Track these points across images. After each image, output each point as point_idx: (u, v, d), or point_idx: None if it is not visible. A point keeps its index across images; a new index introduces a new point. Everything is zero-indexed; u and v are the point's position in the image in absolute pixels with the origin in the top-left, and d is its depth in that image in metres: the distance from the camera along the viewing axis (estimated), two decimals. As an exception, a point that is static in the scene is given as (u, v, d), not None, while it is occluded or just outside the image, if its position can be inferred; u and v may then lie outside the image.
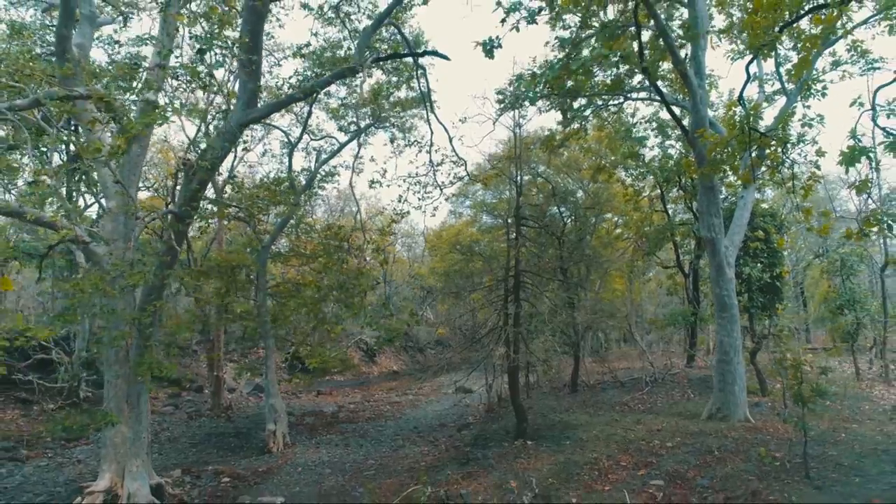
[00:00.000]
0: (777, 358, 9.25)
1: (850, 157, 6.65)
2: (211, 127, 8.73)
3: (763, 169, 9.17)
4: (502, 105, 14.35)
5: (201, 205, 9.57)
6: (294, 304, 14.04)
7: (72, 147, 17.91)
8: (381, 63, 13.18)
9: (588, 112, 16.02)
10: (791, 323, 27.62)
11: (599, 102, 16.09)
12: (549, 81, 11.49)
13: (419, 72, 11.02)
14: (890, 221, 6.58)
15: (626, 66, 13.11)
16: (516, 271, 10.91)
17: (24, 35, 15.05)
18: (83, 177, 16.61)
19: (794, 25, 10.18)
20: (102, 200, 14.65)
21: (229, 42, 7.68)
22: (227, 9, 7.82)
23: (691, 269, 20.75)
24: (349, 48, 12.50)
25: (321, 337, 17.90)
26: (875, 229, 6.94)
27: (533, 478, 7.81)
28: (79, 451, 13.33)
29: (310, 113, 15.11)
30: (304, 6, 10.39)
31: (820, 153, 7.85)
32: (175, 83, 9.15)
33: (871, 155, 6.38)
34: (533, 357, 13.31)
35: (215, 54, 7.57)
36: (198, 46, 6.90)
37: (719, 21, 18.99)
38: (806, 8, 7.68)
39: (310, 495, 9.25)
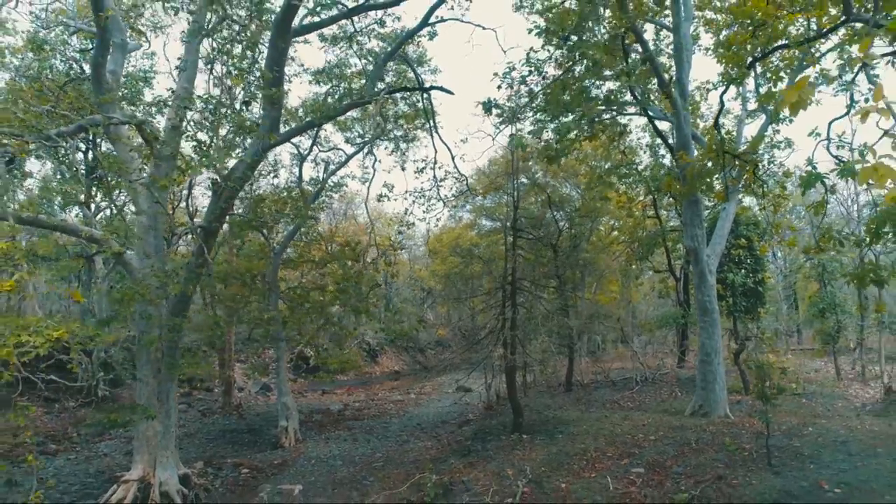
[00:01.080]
0: (744, 359, 10.17)
1: (808, 182, 7.54)
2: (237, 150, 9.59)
3: (738, 186, 10.07)
4: (501, 119, 15.29)
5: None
6: (305, 307, 14.95)
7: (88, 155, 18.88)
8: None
9: (583, 123, 16.94)
10: (779, 325, 28.60)
11: (594, 118, 16.99)
12: (545, 104, 12.43)
13: (424, 97, 11.86)
14: (841, 238, 7.49)
15: (619, 84, 14.01)
16: (513, 279, 11.81)
17: (45, 51, 15.92)
18: (101, 184, 17.53)
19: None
20: (126, 207, 15.60)
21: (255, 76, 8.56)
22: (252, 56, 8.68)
23: (682, 274, 21.65)
24: (360, 67, 13.39)
25: (337, 339, 18.82)
26: (831, 244, 7.84)
27: (527, 466, 8.71)
28: (103, 445, 14.21)
29: (320, 125, 15.99)
30: (322, 38, 11.20)
31: (787, 174, 8.77)
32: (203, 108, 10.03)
33: (825, 180, 7.24)
34: (530, 358, 14.21)
35: (244, 90, 8.45)
36: (243, 99, 7.78)
37: (708, 37, 19.92)
38: (771, 46, 8.58)
39: (325, 484, 10.15)
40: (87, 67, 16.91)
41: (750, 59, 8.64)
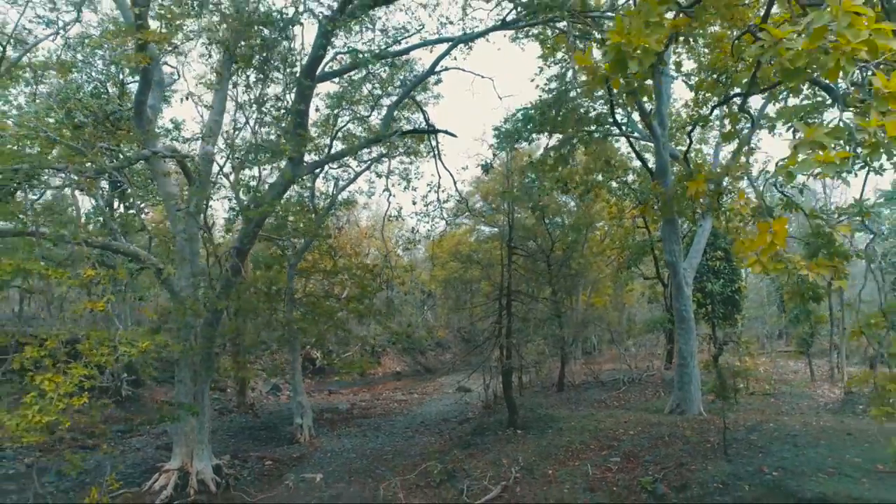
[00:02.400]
0: (705, 361, 11.53)
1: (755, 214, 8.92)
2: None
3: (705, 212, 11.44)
4: (499, 139, 16.67)
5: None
6: (318, 313, 16.33)
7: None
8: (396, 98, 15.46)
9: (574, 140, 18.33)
10: (766, 328, 29.98)
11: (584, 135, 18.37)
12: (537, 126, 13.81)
13: (430, 129, 13.19)
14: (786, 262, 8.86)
15: (607, 107, 15.37)
16: (508, 291, 13.17)
17: (73, 72, 17.18)
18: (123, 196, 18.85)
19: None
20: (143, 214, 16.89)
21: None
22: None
23: (669, 281, 23.01)
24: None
25: (343, 341, 20.16)
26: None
27: (520, 456, 10.08)
28: (135, 441, 15.51)
29: (331, 146, 17.33)
30: (340, 78, 12.44)
31: (747, 202, 10.12)
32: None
33: (773, 213, 8.61)
34: (526, 360, 15.54)
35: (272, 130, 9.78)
36: (289, 157, 9.10)
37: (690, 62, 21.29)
38: (731, 93, 9.93)
39: (342, 473, 11.50)
40: (110, 86, 18.24)
41: (712, 106, 10.00)
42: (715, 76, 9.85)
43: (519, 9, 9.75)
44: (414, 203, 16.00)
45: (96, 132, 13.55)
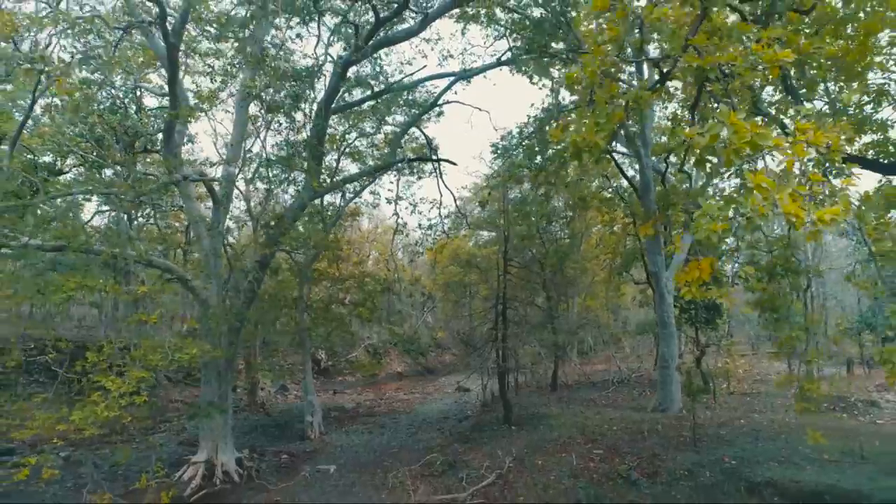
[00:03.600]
0: (681, 365, 12.72)
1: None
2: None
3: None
4: (496, 156, 17.89)
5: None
6: (327, 318, 17.54)
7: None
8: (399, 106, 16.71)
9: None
10: (754, 330, 31.14)
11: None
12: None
13: (433, 158, 14.41)
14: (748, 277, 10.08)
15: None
16: (504, 299, 14.36)
17: (89, 87, 18.31)
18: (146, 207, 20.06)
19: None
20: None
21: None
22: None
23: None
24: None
25: (348, 343, 21.34)
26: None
27: (513, 449, 11.28)
28: (157, 437, 16.68)
29: (339, 160, 18.51)
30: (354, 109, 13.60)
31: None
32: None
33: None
34: (521, 362, 16.68)
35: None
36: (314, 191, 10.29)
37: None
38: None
39: (353, 465, 12.68)
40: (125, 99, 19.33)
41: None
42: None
43: (513, 51, 10.93)
44: (420, 226, 17.25)
45: (125, 155, 14.80)
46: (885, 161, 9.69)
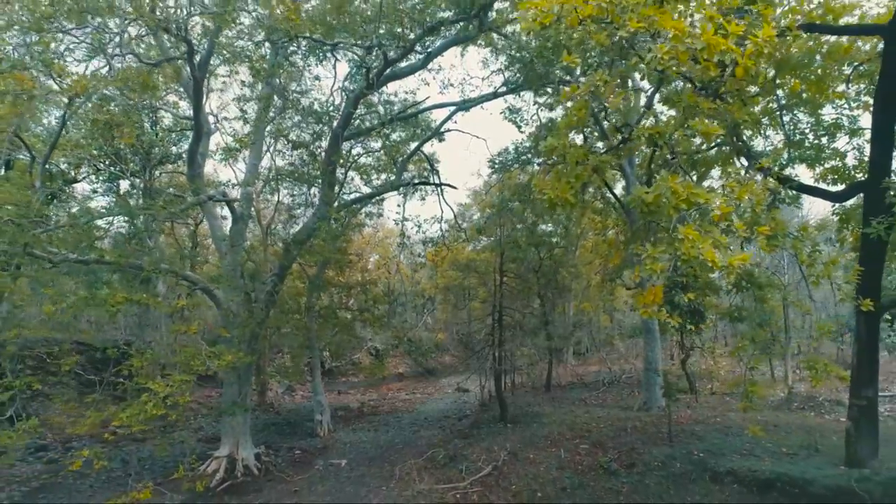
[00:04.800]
0: (672, 366, 13.90)
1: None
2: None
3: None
4: (493, 171, 19.10)
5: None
6: (334, 322, 18.75)
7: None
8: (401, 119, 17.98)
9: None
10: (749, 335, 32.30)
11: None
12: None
13: (435, 182, 15.65)
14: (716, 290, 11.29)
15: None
16: (500, 306, 15.57)
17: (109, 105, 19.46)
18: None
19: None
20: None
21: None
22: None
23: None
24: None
25: (352, 345, 22.57)
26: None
27: (508, 444, 12.49)
28: (176, 434, 17.85)
29: (346, 174, 19.71)
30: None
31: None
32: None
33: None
34: (517, 364, 17.84)
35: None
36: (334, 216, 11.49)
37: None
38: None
39: (361, 459, 13.88)
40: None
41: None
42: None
43: (508, 85, 12.14)
44: (424, 244, 18.53)
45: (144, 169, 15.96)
46: (837, 188, 10.89)
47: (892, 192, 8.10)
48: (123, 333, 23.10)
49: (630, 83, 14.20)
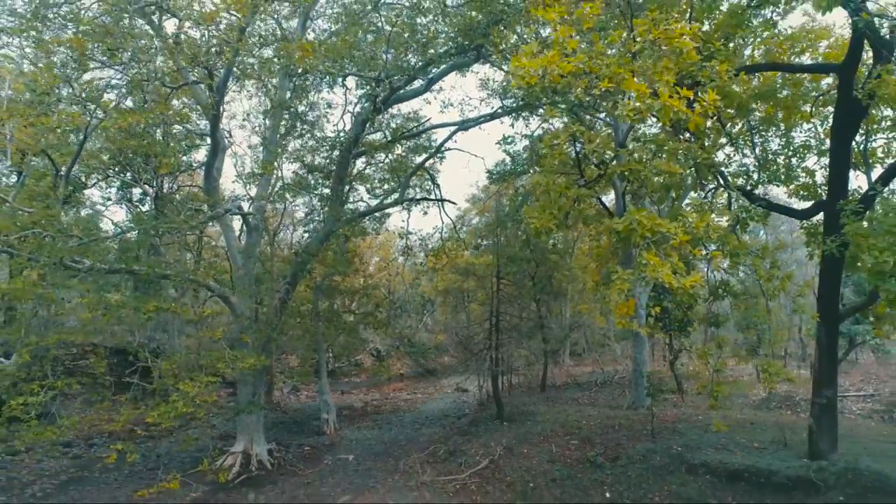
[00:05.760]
0: (651, 369, 14.89)
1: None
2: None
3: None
4: (492, 181, 20.11)
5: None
6: (338, 325, 19.77)
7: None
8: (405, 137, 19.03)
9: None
10: (731, 333, 33.35)
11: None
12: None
13: (437, 199, 16.64)
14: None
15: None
16: (497, 311, 16.56)
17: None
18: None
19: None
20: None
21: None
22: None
23: (640, 295, 26.43)
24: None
25: (354, 346, 23.58)
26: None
27: (504, 440, 13.49)
28: (191, 431, 18.81)
29: (351, 184, 20.69)
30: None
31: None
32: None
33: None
34: (514, 365, 18.79)
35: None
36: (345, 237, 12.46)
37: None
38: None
39: (367, 455, 14.87)
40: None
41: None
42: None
43: (503, 107, 13.14)
44: (426, 255, 19.60)
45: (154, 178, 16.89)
46: (805, 205, 11.89)
47: (846, 212, 9.08)
48: (136, 338, 24.08)
49: (606, 118, 15.19)
